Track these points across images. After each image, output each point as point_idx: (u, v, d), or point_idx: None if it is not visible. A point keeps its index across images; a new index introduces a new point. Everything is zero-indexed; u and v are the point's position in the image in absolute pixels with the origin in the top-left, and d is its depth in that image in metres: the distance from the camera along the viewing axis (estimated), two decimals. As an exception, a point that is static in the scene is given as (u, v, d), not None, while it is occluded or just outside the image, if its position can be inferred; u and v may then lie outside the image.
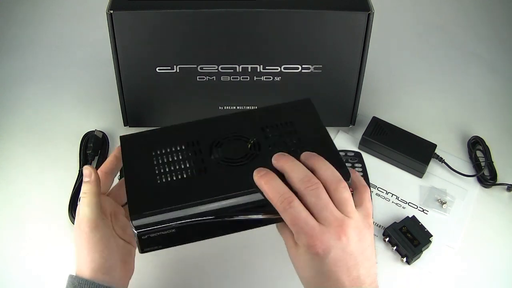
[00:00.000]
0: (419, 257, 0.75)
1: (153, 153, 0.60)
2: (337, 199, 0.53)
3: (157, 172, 0.58)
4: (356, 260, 0.53)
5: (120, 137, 0.63)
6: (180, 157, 0.59)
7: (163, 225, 0.54)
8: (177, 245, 0.57)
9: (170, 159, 0.59)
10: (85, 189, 0.59)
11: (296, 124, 0.62)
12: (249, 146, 0.60)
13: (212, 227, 0.56)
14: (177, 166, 0.58)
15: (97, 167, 0.82)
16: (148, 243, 0.55)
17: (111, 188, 0.66)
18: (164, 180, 0.57)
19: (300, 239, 0.52)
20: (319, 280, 0.53)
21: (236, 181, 0.56)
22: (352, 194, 0.55)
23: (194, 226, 0.55)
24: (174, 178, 0.57)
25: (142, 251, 0.56)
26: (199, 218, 0.55)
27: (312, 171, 0.54)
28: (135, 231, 0.54)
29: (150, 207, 0.54)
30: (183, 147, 0.60)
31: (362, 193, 0.56)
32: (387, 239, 0.77)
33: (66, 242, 0.76)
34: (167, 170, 0.58)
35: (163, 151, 0.60)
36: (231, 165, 0.58)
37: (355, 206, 0.54)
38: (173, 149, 0.60)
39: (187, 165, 0.58)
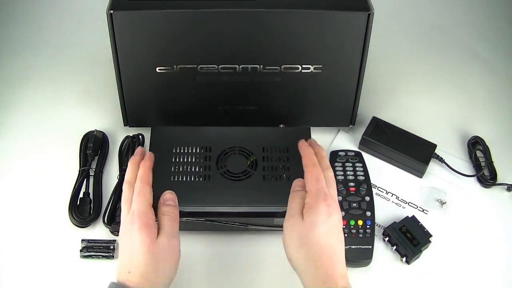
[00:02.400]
0: (418, 257, 0.75)
1: (174, 150, 0.76)
2: (332, 193, 0.65)
3: (172, 170, 0.74)
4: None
5: (152, 128, 0.79)
6: (193, 160, 0.75)
7: None
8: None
9: (185, 160, 0.75)
10: (173, 210, 0.66)
11: (290, 150, 0.76)
12: (248, 163, 0.75)
13: (206, 225, 0.73)
14: (189, 169, 0.74)
15: (97, 167, 0.82)
16: None
17: None
18: (176, 179, 0.73)
19: (321, 197, 0.63)
20: (327, 242, 0.61)
21: (230, 195, 0.72)
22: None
23: (189, 223, 0.73)
24: (185, 179, 0.73)
25: None
26: (195, 218, 0.72)
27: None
28: None
29: None
30: (198, 150, 0.76)
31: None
32: (386, 239, 0.77)
33: (66, 242, 0.76)
34: (180, 170, 0.74)
35: (182, 150, 0.76)
36: (230, 179, 0.74)
37: None
38: (190, 150, 0.76)
39: (197, 170, 0.74)
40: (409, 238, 0.75)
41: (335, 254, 0.61)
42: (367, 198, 0.78)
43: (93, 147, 0.83)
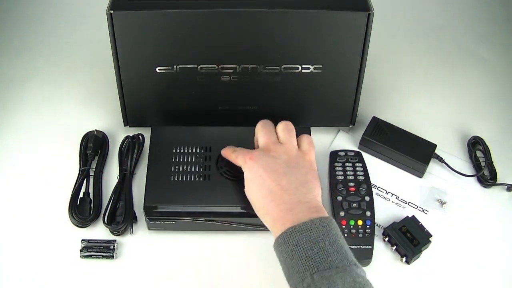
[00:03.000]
0: (418, 257, 0.75)
1: (174, 150, 0.77)
2: (280, 136, 0.70)
3: (172, 170, 0.75)
4: (285, 169, 0.66)
5: (152, 128, 0.80)
6: (193, 160, 0.76)
7: (167, 217, 0.73)
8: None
9: (185, 160, 0.76)
10: None
11: None
12: None
13: (205, 225, 0.74)
14: (189, 169, 0.75)
15: (97, 167, 0.82)
16: (153, 225, 0.75)
17: None
18: (176, 179, 0.74)
19: (239, 160, 0.69)
20: (259, 194, 0.65)
21: (230, 194, 0.73)
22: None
23: (190, 223, 0.73)
24: (185, 179, 0.74)
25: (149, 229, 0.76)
26: (194, 218, 0.73)
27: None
28: (146, 218, 0.73)
29: (161, 201, 0.73)
30: (198, 150, 0.77)
31: (302, 137, 0.72)
32: (386, 239, 0.77)
33: (66, 242, 0.76)
34: (180, 170, 0.75)
35: (182, 150, 0.77)
36: (230, 179, 0.74)
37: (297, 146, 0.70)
38: (190, 150, 0.77)
39: (197, 169, 0.75)
40: (409, 238, 0.75)
41: (272, 199, 0.64)
42: (367, 198, 0.78)
43: (93, 147, 0.83)
